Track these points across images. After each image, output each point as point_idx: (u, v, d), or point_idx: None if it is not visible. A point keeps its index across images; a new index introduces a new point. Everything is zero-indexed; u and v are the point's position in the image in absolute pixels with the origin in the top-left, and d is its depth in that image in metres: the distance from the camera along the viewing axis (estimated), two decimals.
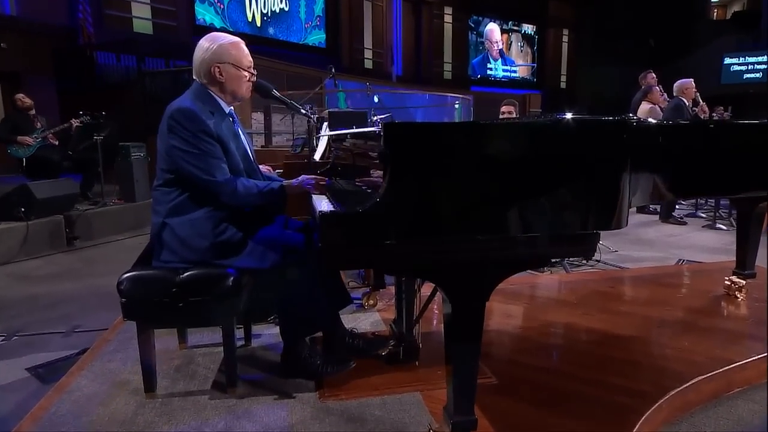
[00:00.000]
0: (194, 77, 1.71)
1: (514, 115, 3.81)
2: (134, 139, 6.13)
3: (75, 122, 5.19)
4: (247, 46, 1.74)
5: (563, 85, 17.05)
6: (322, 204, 1.61)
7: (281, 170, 2.76)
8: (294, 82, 8.59)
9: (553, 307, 2.49)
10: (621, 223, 1.19)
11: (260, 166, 2.29)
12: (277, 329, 2.24)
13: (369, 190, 1.71)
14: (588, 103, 15.57)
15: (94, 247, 4.50)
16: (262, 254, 1.61)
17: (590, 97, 15.62)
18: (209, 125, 1.58)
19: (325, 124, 3.01)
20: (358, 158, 1.80)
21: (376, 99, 5.25)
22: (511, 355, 1.95)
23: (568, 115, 1.18)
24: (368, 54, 12.97)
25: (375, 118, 5.02)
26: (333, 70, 4.36)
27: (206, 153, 1.56)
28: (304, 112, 1.86)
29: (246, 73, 1.71)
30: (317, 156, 2.79)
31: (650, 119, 1.66)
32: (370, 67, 12.91)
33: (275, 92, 1.82)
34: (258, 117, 7.51)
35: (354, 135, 1.72)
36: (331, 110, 2.71)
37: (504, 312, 2.41)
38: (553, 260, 1.27)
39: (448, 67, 14.98)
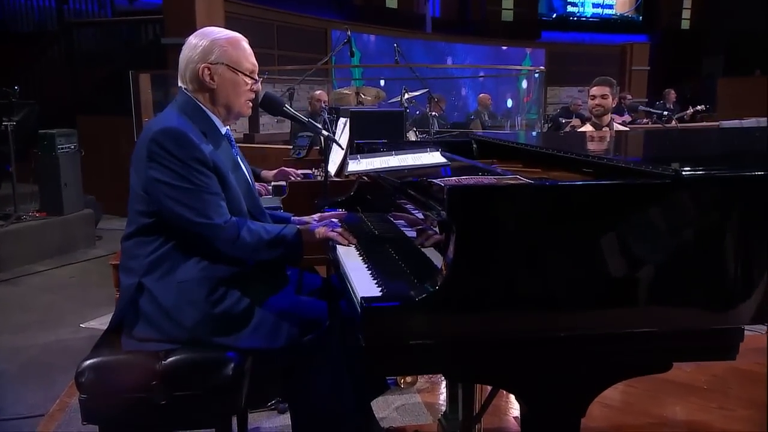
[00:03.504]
0: (179, 84, 1.90)
1: (609, 101, 3.90)
2: (59, 122, 6.41)
3: None
4: None
5: (685, 24, 16.54)
6: (351, 262, 1.77)
7: (280, 183, 2.94)
8: (288, 37, 8.82)
9: (671, 393, 2.58)
10: None
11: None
12: (280, 419, 2.43)
13: (411, 232, 1.88)
14: (725, 51, 15.10)
15: (5, 284, 4.70)
16: (273, 330, 1.78)
17: (730, 44, 15.10)
18: (203, 150, 1.75)
19: (343, 122, 3.18)
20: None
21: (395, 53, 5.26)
22: None
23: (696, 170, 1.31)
24: None
25: (406, 96, 5.21)
26: (349, 33, 4.54)
27: (200, 188, 1.73)
28: (326, 134, 2.04)
29: (246, 80, 1.87)
30: (332, 168, 2.98)
31: None
32: (394, 6, 13.04)
33: (288, 108, 2.00)
34: None
35: (392, 174, 1.87)
36: (353, 109, 2.88)
37: (597, 398, 2.52)
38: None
39: (508, 3, 14.98)
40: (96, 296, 4.30)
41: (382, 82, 9.60)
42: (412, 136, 4.70)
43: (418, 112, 6.40)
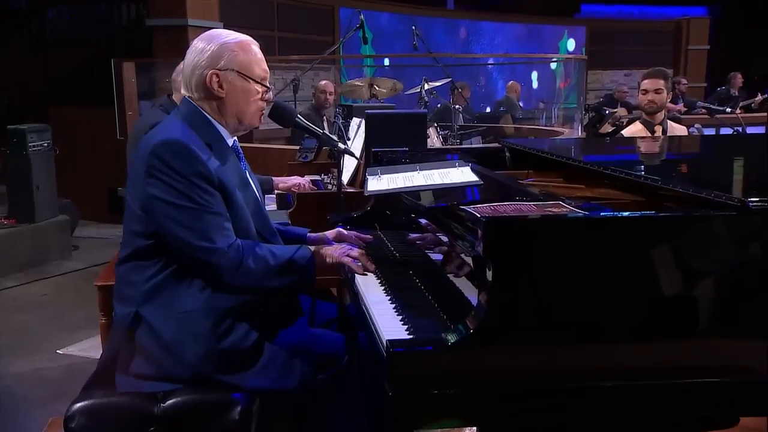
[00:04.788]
0: (182, 91, 1.97)
1: (663, 95, 3.92)
2: (29, 114, 6.51)
3: None
4: None
5: None
6: (372, 294, 1.83)
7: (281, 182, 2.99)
8: (290, 17, 8.84)
9: None
10: None
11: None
12: None
13: (436, 255, 1.94)
14: None
15: None
16: (285, 368, 1.85)
17: None
18: (208, 165, 1.82)
19: (357, 122, 3.26)
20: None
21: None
22: None
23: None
24: None
25: (426, 87, 5.27)
26: (362, 16, 4.62)
27: (202, 207, 1.80)
28: (343, 147, 2.11)
29: (258, 88, 1.95)
30: (345, 177, 3.05)
31: None
32: None
33: (301, 119, 2.07)
34: None
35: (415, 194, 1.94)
36: (368, 111, 2.95)
37: None
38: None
39: None
40: (73, 317, 4.37)
41: (386, 62, 9.63)
42: (432, 132, 4.76)
43: (439, 105, 6.44)
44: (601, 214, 1.43)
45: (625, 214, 1.41)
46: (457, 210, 1.60)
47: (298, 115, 2.07)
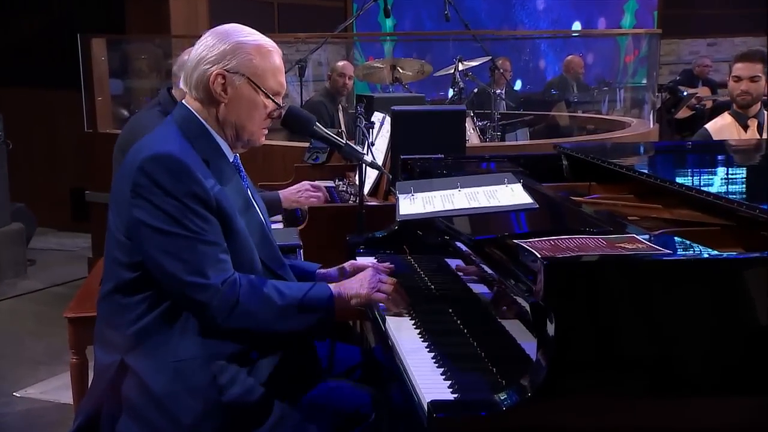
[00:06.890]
0: (181, 85, 2.02)
1: (761, 84, 3.92)
2: None
3: None
4: None
5: None
6: (406, 340, 1.88)
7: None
8: None
9: None
10: None
11: None
12: None
13: (479, 286, 1.99)
14: None
15: None
16: (299, 429, 1.89)
17: None
18: (204, 185, 1.87)
19: (380, 118, 3.30)
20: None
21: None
22: None
23: None
24: None
25: (461, 68, 5.28)
26: None
27: (195, 234, 1.84)
28: (369, 160, 2.16)
29: (267, 103, 1.99)
30: (365, 188, 3.11)
31: None
32: None
33: (319, 127, 2.12)
34: None
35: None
36: (395, 108, 2.97)
37: None
38: None
39: None
40: (32, 350, 4.43)
41: (389, 22, 9.55)
42: (468, 124, 4.80)
43: (476, 89, 6.44)
44: (687, 255, 1.48)
45: (716, 255, 1.45)
46: (509, 243, 1.65)
47: (317, 124, 2.12)
